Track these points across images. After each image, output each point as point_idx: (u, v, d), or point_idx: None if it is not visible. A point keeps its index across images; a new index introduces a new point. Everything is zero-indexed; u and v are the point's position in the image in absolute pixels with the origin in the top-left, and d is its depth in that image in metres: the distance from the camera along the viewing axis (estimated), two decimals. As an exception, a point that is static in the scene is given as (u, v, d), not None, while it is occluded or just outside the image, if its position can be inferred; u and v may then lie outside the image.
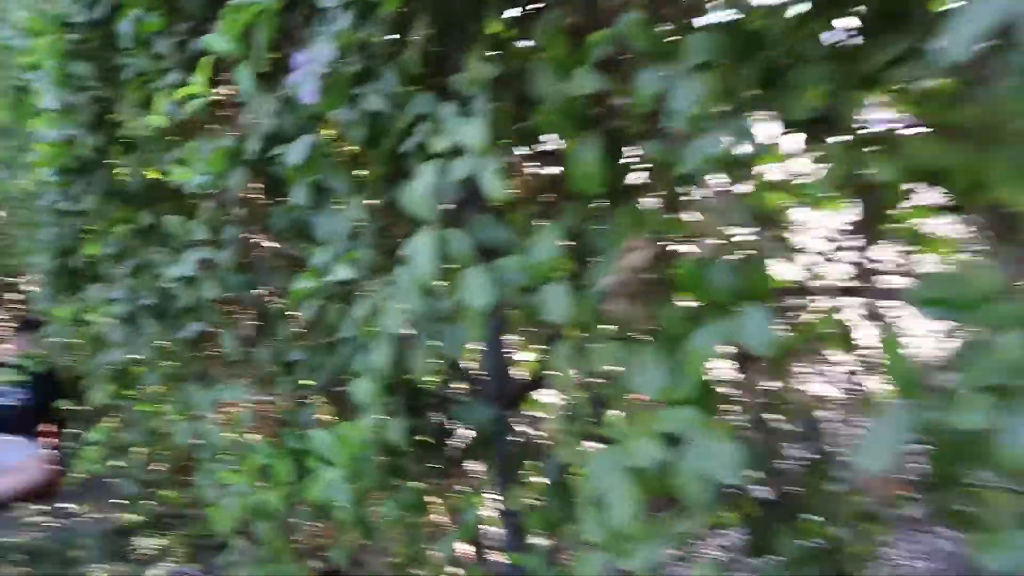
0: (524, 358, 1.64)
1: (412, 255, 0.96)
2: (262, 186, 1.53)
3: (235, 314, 1.65)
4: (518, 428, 1.45)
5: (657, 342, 0.92)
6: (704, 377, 0.88)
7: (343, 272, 1.06)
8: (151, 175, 1.84)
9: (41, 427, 3.66)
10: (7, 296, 4.13)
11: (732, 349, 0.91)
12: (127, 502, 2.96)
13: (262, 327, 1.63)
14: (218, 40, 1.26)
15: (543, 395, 1.71)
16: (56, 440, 3.68)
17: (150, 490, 2.89)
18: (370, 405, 1.06)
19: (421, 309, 0.95)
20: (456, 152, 0.99)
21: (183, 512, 2.96)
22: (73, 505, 3.33)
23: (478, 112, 1.00)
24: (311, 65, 1.13)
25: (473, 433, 1.42)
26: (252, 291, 1.57)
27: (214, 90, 1.40)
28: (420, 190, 0.98)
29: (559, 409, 1.20)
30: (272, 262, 1.57)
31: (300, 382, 1.61)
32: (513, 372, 1.63)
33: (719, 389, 0.96)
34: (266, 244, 1.55)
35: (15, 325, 3.97)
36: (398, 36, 1.15)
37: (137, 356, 2.28)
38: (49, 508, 3.35)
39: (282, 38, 1.47)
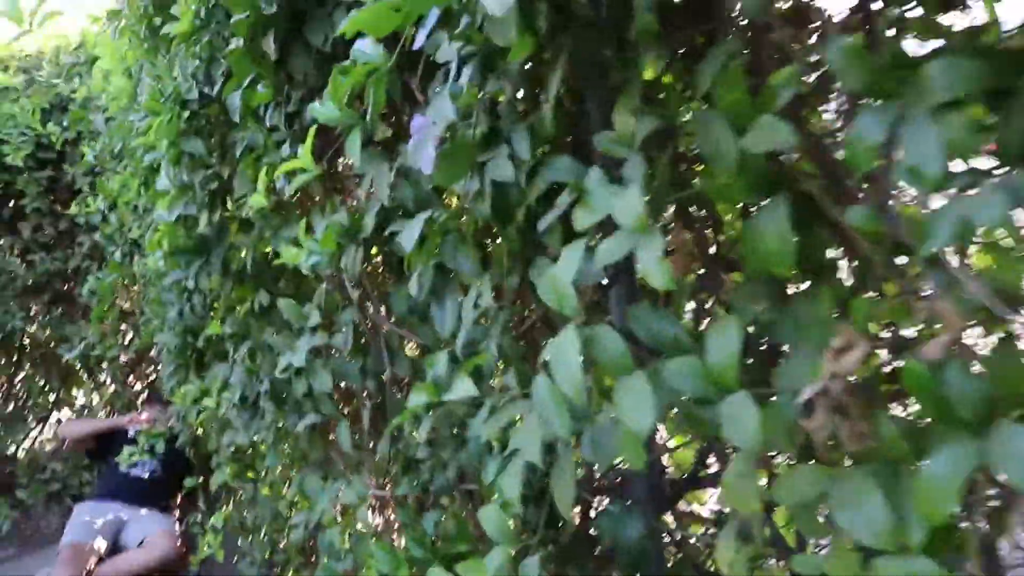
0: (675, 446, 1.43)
1: (554, 362, 0.76)
2: (381, 265, 1.39)
3: (352, 403, 1.50)
4: (671, 536, 1.23)
5: (875, 469, 0.70)
6: (944, 518, 0.65)
7: (464, 388, 0.88)
8: (267, 254, 1.74)
9: (170, 501, 3.64)
10: (142, 368, 4.18)
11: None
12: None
13: (382, 417, 1.47)
14: (326, 108, 1.13)
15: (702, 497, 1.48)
16: (184, 515, 3.66)
17: (273, 572, 2.78)
18: (501, 541, 0.87)
19: (565, 432, 0.76)
20: (605, 228, 0.80)
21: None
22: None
23: (632, 178, 0.81)
24: (429, 130, 0.97)
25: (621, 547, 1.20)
26: (370, 379, 1.42)
27: (324, 163, 1.26)
28: (562, 277, 0.79)
29: (729, 528, 0.97)
30: (393, 347, 1.41)
31: (423, 481, 1.43)
32: (666, 466, 1.41)
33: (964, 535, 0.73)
34: (386, 328, 1.40)
35: (146, 396, 4.01)
36: (529, 91, 0.98)
37: (258, 439, 2.18)
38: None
39: (399, 101, 1.33)
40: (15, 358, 4.07)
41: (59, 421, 4.17)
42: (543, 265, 0.83)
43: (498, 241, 1.07)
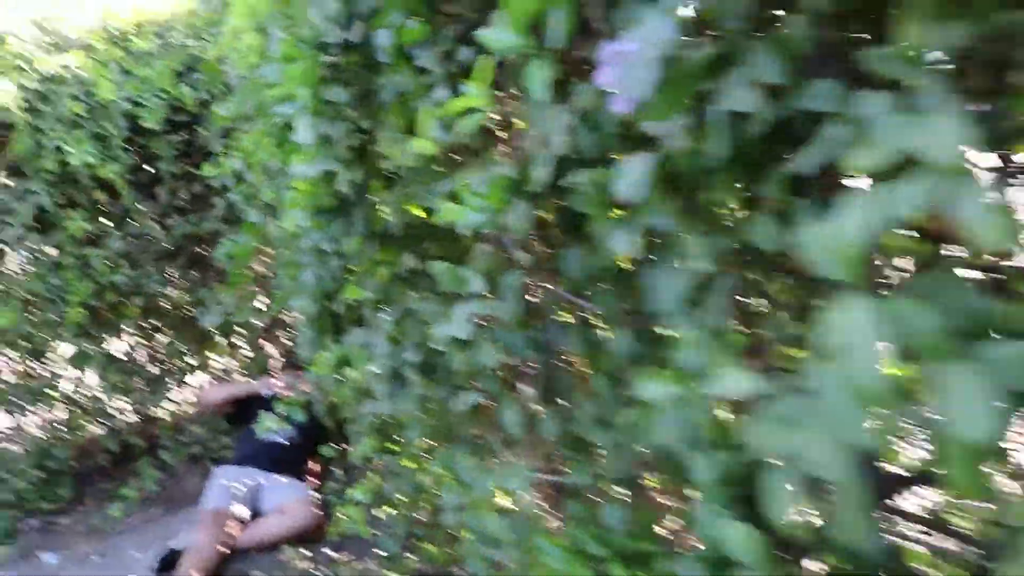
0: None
1: (843, 345, 0.57)
2: (549, 223, 1.21)
3: (517, 381, 1.33)
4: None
5: None
6: None
7: (736, 381, 0.69)
8: (415, 213, 1.59)
9: (308, 468, 3.62)
10: (277, 333, 4.18)
11: None
12: (388, 558, 2.79)
13: (551, 396, 1.31)
14: (499, 35, 0.95)
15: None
16: (321, 483, 3.63)
17: (412, 546, 2.70)
18: (756, 567, 0.68)
19: (865, 439, 0.56)
20: (899, 171, 0.60)
21: (447, 572, 2.74)
22: (336, 554, 3.22)
23: (936, 104, 0.60)
24: (635, 55, 0.78)
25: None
26: (540, 354, 1.25)
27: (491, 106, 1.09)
28: (847, 234, 0.59)
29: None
30: (562, 318, 1.24)
31: (595, 469, 1.26)
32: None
33: None
34: (557, 296, 1.22)
35: (282, 361, 4.00)
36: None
37: (401, 410, 2.06)
38: (313, 554, 3.27)
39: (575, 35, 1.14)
40: (155, 321, 4.12)
41: (201, 386, 4.22)
42: (812, 229, 0.62)
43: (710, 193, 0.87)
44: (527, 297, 1.25)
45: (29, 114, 3.56)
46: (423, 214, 1.56)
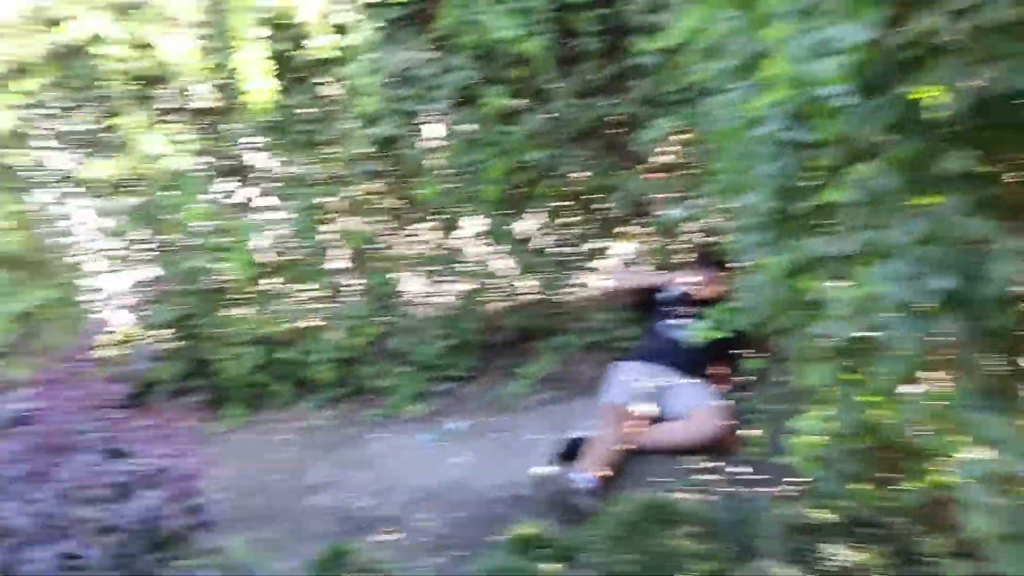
0: None
1: None
2: None
3: None
4: None
5: None
6: None
7: None
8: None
9: (715, 371, 3.36)
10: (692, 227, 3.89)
11: None
12: (814, 494, 2.45)
13: None
14: None
15: None
16: (729, 385, 3.35)
17: (847, 486, 2.33)
18: None
19: None
20: None
21: (887, 521, 2.35)
22: (747, 469, 2.95)
23: None
24: None
25: None
26: None
27: None
28: None
29: None
30: None
31: None
32: None
33: None
34: None
35: (695, 257, 3.72)
36: None
37: (878, 335, 1.69)
38: (718, 467, 3.03)
39: None
40: (564, 203, 4.03)
41: (609, 271, 4.09)
42: None
43: None
44: None
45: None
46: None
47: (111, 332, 3.96)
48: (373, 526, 3.03)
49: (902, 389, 1.76)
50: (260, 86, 3.64)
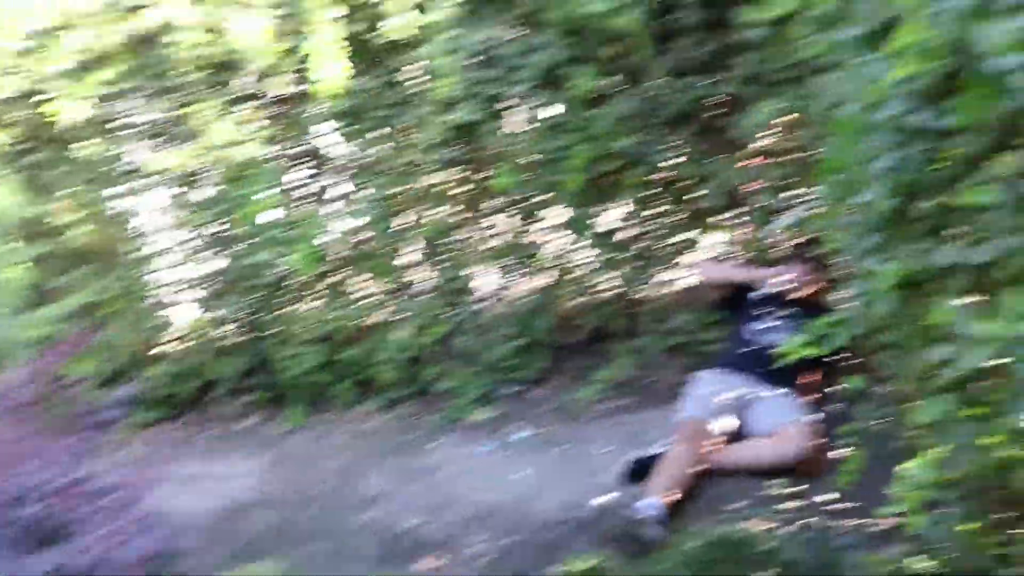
0: None
1: None
2: None
3: None
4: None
5: None
6: None
7: None
8: None
9: (804, 382, 3.02)
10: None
11: None
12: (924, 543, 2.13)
13: None
14: None
15: None
16: (819, 396, 3.01)
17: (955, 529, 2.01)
18: None
19: None
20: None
21: (1000, 574, 2.02)
22: (835, 496, 2.63)
23: None
24: None
25: None
26: None
27: None
28: None
29: None
30: None
31: None
32: None
33: None
34: None
35: (791, 253, 3.37)
36: None
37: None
38: (803, 492, 2.71)
39: None
40: (654, 194, 3.73)
41: (696, 263, 3.78)
42: None
43: None
44: None
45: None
46: None
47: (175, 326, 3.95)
48: (418, 551, 2.85)
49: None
50: (334, 70, 3.53)
